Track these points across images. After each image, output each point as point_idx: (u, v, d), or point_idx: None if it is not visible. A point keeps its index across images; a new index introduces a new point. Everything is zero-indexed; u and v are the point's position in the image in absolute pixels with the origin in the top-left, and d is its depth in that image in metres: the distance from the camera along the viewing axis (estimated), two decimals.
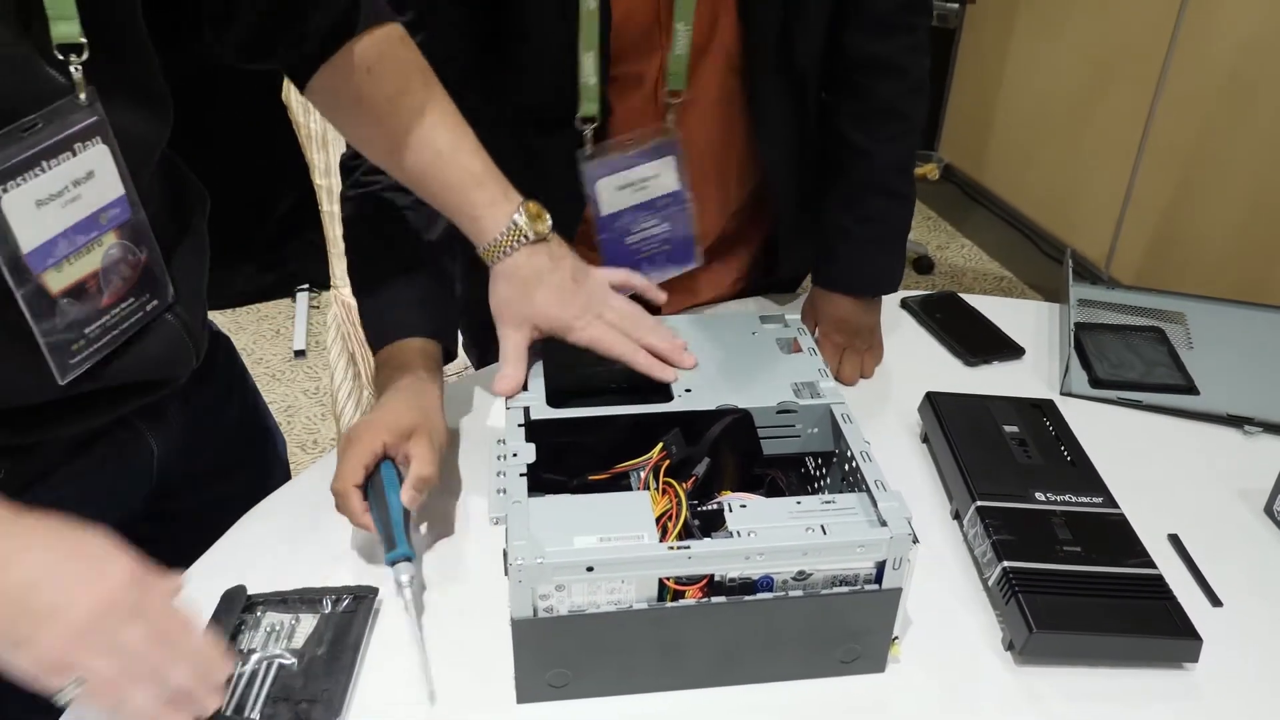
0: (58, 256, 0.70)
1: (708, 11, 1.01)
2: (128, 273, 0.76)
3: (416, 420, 0.86)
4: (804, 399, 0.87)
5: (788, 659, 0.76)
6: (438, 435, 0.88)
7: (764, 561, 0.72)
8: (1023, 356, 1.19)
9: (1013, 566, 0.82)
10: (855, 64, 1.10)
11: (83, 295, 0.73)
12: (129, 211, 0.75)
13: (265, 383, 2.64)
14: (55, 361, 0.72)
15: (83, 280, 0.73)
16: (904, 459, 1.02)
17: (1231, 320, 1.26)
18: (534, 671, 0.73)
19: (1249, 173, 2.44)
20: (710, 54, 1.04)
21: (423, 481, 0.84)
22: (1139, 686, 0.78)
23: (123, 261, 0.76)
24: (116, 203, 0.74)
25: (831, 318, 1.16)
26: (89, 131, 0.70)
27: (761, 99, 1.08)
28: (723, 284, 1.27)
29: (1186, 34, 2.54)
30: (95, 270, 0.73)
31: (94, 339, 0.75)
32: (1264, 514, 0.96)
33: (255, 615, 0.80)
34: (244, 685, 0.73)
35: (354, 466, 0.83)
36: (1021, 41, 3.17)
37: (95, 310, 0.74)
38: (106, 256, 0.74)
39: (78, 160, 0.70)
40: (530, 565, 0.68)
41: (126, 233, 0.75)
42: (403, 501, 0.83)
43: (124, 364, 0.79)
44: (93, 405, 0.80)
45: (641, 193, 1.10)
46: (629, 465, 0.82)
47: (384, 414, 0.87)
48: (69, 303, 0.72)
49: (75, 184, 0.70)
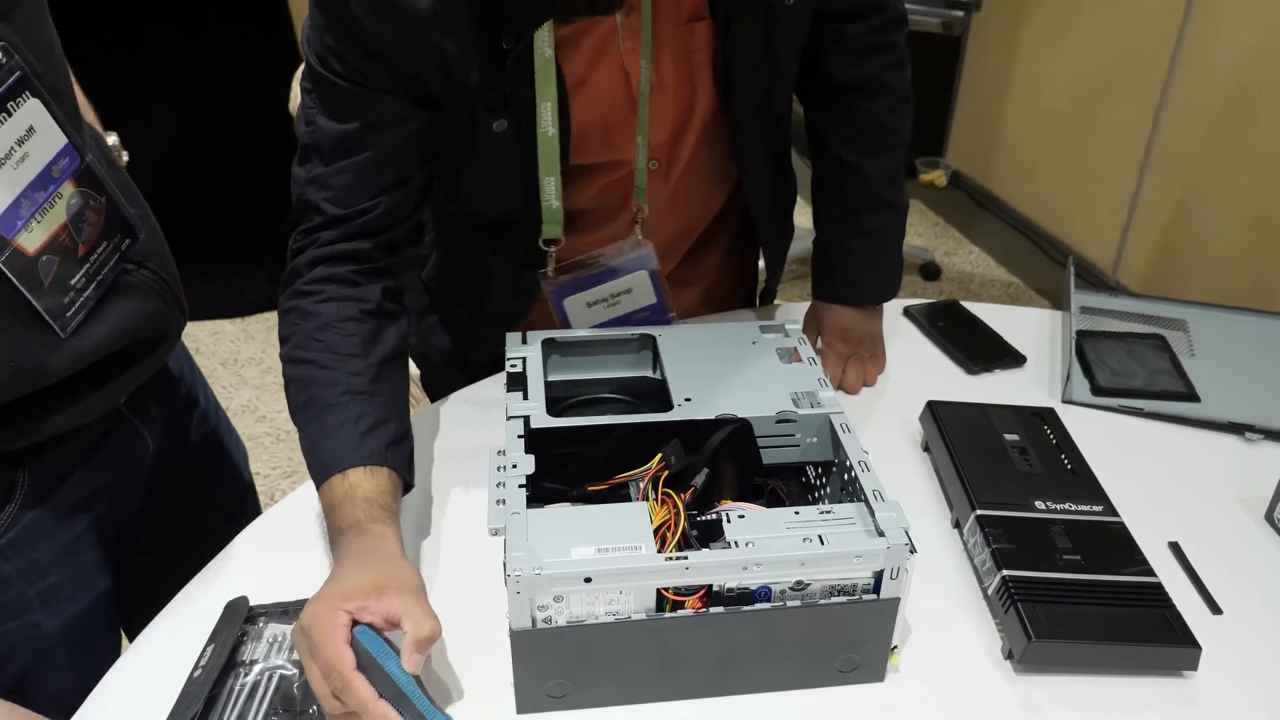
0: (24, 218, 0.71)
1: (686, 86, 0.99)
2: (94, 218, 0.77)
3: (380, 577, 0.74)
4: (803, 408, 0.87)
5: (786, 669, 0.77)
6: (411, 582, 0.75)
7: (761, 572, 0.72)
8: (1024, 364, 1.19)
9: (1012, 575, 0.82)
10: (840, 87, 1.10)
11: (59, 249, 0.74)
12: (78, 158, 0.75)
13: (274, 391, 2.64)
14: (53, 317, 0.74)
15: (55, 235, 0.74)
16: (905, 467, 1.03)
17: (1233, 327, 1.26)
18: (533, 682, 0.74)
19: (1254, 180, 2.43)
20: (690, 128, 1.03)
21: (425, 642, 0.71)
22: (1138, 695, 0.78)
23: (86, 208, 0.76)
24: (64, 152, 0.74)
25: (834, 327, 1.16)
26: (17, 88, 0.70)
27: (741, 150, 1.07)
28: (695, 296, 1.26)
29: (1191, 43, 2.53)
30: (63, 222, 0.74)
31: (81, 288, 0.76)
32: (1265, 521, 0.96)
33: (257, 626, 0.81)
34: (245, 696, 0.74)
35: (339, 650, 0.69)
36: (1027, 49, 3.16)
37: (75, 260, 0.76)
38: (70, 207, 0.75)
39: (14, 120, 0.69)
40: (528, 576, 0.68)
41: (83, 179, 0.76)
42: (409, 669, 0.70)
43: (119, 323, 0.81)
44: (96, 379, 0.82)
45: (614, 308, 1.09)
46: (628, 476, 0.82)
47: (341, 583, 0.74)
48: (48, 260, 0.73)
49: (19, 143, 0.70)
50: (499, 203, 1.03)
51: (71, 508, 0.87)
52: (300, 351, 0.89)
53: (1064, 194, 3.08)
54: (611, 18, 0.92)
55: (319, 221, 0.91)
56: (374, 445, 0.84)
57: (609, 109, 0.97)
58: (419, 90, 0.89)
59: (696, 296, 1.24)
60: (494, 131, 0.94)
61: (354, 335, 0.89)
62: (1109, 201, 2.87)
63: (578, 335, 0.98)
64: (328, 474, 0.83)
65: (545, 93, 0.92)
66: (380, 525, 0.79)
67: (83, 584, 0.89)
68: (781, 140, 1.11)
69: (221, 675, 0.75)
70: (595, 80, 0.95)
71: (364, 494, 0.81)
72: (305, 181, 0.91)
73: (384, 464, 0.84)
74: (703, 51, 0.98)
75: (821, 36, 1.05)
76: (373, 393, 0.87)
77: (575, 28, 0.91)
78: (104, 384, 0.83)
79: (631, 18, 0.93)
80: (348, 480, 0.82)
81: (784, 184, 1.16)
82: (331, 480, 0.82)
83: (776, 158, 1.11)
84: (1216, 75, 2.47)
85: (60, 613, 0.86)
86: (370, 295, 0.92)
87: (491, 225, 1.08)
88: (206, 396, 1.08)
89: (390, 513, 0.82)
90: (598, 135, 0.98)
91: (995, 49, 3.30)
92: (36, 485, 0.83)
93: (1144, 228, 2.78)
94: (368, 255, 0.92)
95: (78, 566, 0.88)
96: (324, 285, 0.90)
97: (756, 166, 1.09)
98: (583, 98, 0.95)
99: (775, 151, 1.11)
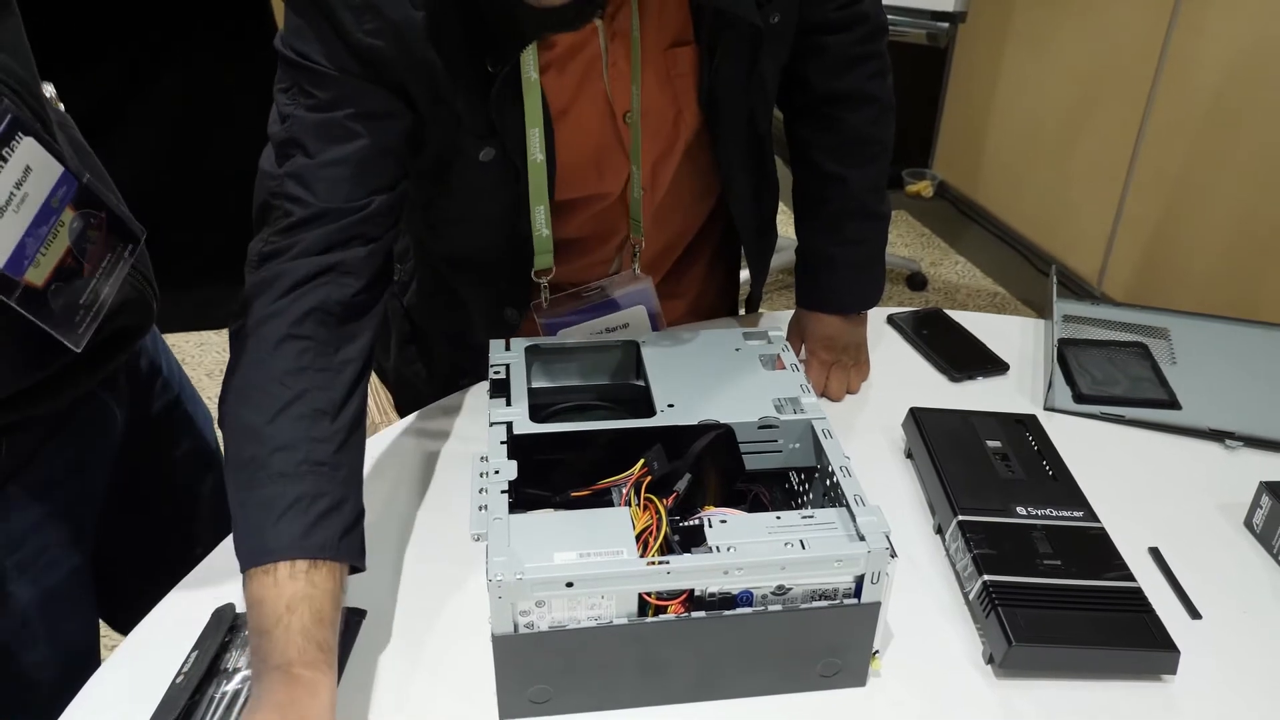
0: (30, 255, 0.71)
1: (670, 111, 0.99)
2: (96, 235, 0.77)
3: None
4: (785, 414, 0.88)
5: (768, 673, 0.77)
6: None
7: (743, 576, 0.72)
8: (1007, 372, 1.20)
9: (993, 580, 0.83)
10: (823, 99, 1.10)
11: (66, 274, 0.74)
12: (74, 182, 0.74)
13: None
14: (67, 338, 0.74)
15: (61, 261, 0.73)
16: (888, 474, 1.03)
17: (1214, 336, 1.27)
18: (516, 688, 0.74)
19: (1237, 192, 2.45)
20: (674, 152, 1.03)
21: None
22: (1118, 699, 0.78)
23: (88, 228, 0.76)
24: (62, 181, 0.73)
25: (819, 336, 1.17)
26: (9, 132, 0.69)
27: (725, 166, 1.07)
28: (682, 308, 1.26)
29: (1174, 56, 2.56)
30: (67, 248, 0.74)
31: (90, 304, 0.77)
32: (1244, 527, 0.97)
33: (242, 634, 0.80)
34: (225, 705, 0.74)
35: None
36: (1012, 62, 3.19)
37: (83, 281, 0.76)
38: (72, 232, 0.74)
39: (11, 165, 0.69)
40: (510, 581, 0.69)
41: (81, 200, 0.75)
42: None
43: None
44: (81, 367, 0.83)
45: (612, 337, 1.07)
46: (611, 481, 0.82)
47: None
48: (58, 288, 0.73)
49: (18, 185, 0.69)
50: (479, 236, 1.01)
51: (45, 481, 0.88)
52: (258, 393, 0.78)
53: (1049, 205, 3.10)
54: (596, 44, 0.91)
55: (299, 217, 0.82)
56: (327, 535, 0.74)
57: (595, 140, 0.96)
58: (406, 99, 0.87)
59: (682, 309, 1.25)
60: (480, 160, 0.91)
61: (332, 389, 0.79)
62: (1094, 213, 2.90)
63: (561, 343, 0.98)
64: (264, 560, 0.72)
65: (533, 118, 0.90)
66: (313, 674, 0.69)
67: (57, 555, 0.90)
68: (763, 152, 1.11)
69: (203, 682, 0.75)
70: (579, 110, 0.94)
71: (301, 622, 0.70)
72: (282, 176, 0.83)
73: (335, 558, 0.74)
74: (687, 76, 0.97)
75: (804, 49, 1.05)
76: (335, 465, 0.77)
77: (558, 53, 0.90)
78: (84, 372, 0.85)
79: (615, 43, 0.92)
80: (285, 589, 0.71)
81: (766, 193, 1.16)
82: (268, 573, 0.71)
83: (759, 169, 1.12)
84: (1200, 88, 2.50)
85: (36, 584, 0.88)
86: (360, 332, 0.84)
87: (472, 262, 1.06)
88: (168, 363, 1.08)
89: (327, 652, 0.71)
90: (584, 168, 0.97)
91: (981, 61, 3.32)
92: (10, 460, 0.84)
93: (1128, 239, 2.80)
94: (357, 270, 0.84)
95: (52, 538, 0.89)
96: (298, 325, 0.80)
97: (740, 181, 1.10)
98: (567, 129, 0.94)
99: (757, 163, 1.11)
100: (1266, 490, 0.95)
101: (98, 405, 0.93)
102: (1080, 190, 2.95)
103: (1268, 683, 0.81)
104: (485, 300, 1.08)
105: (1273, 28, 2.29)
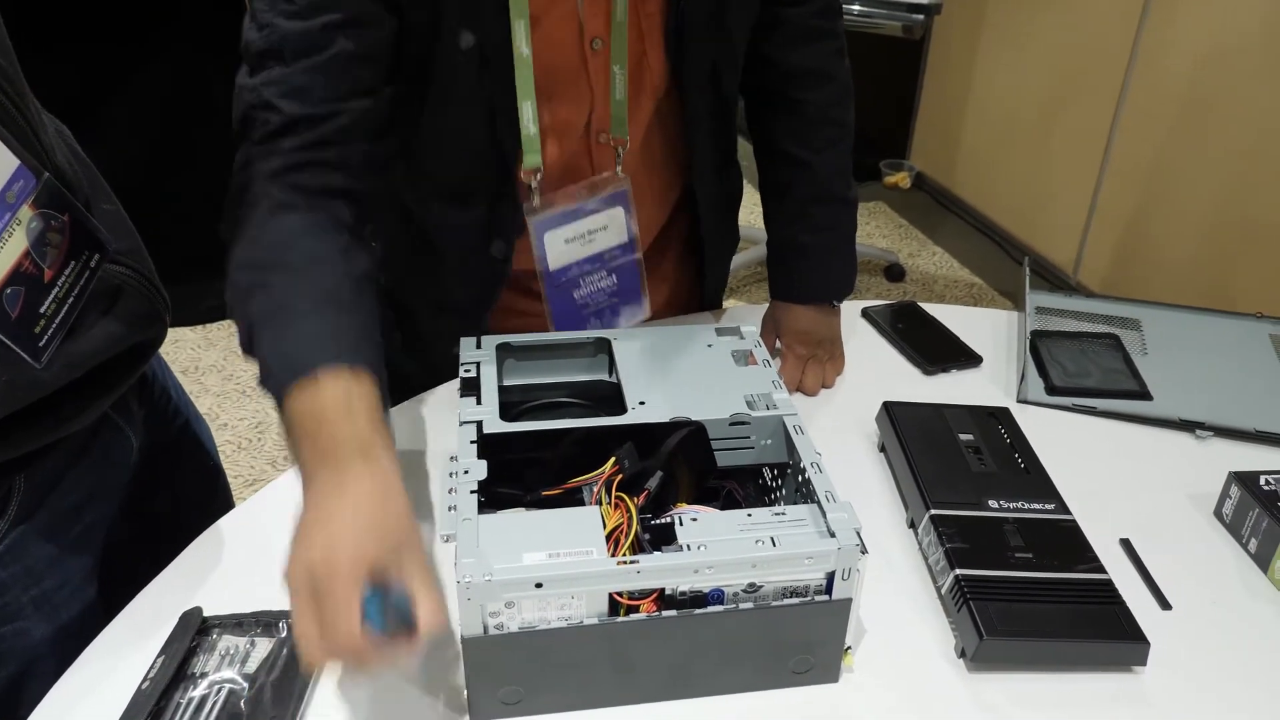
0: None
1: (635, 52, 1.00)
2: (58, 239, 0.73)
3: (398, 539, 0.65)
4: (757, 411, 0.87)
5: (741, 671, 0.77)
6: (423, 557, 0.67)
7: (713, 575, 0.72)
8: (981, 364, 1.20)
9: (964, 574, 0.83)
10: (784, 76, 1.10)
11: (23, 279, 0.70)
12: (33, 179, 0.71)
13: (235, 399, 2.62)
14: (25, 350, 0.71)
15: (17, 264, 0.69)
16: (861, 468, 1.03)
17: (1186, 326, 1.28)
18: (487, 690, 0.73)
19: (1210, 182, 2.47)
20: (641, 95, 1.03)
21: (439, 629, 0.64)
22: (1090, 691, 0.79)
23: (48, 230, 0.72)
24: (17, 175, 0.69)
25: (793, 330, 1.17)
26: None
27: (691, 130, 1.07)
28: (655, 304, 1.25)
29: (1147, 47, 2.57)
30: (25, 249, 0.70)
31: (52, 315, 0.73)
32: (1214, 517, 0.97)
33: (210, 638, 0.80)
34: (193, 710, 0.73)
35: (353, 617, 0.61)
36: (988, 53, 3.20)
37: (41, 287, 0.72)
38: (30, 232, 0.70)
39: None
40: (479, 583, 0.68)
41: (41, 200, 0.71)
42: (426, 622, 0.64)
43: (109, 328, 0.79)
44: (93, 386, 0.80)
45: (589, 245, 1.08)
46: (582, 480, 0.82)
47: (362, 534, 0.64)
48: (13, 291, 0.69)
49: None
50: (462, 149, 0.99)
51: (63, 513, 0.85)
52: (263, 255, 0.78)
53: (1025, 196, 3.12)
54: None
55: (277, 125, 0.82)
56: (368, 354, 0.73)
57: (563, 59, 0.96)
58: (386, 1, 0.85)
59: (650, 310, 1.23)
60: (460, 49, 0.89)
61: (330, 245, 0.79)
62: (1069, 203, 2.91)
63: (532, 339, 0.98)
64: (307, 372, 0.70)
65: (518, 9, 0.88)
66: (389, 459, 0.68)
67: (73, 591, 0.88)
68: (729, 130, 1.11)
69: (169, 688, 0.74)
70: (550, 23, 0.93)
71: (366, 406, 0.69)
72: (258, 86, 0.82)
73: (375, 374, 0.72)
74: (654, 17, 0.98)
75: (764, 22, 1.06)
76: (355, 308, 0.77)
77: None
78: (101, 389, 0.82)
79: None
80: (338, 389, 0.69)
81: (729, 175, 1.16)
82: (313, 380, 0.69)
83: (724, 141, 1.12)
84: (1172, 79, 2.51)
85: (51, 620, 0.85)
86: (343, 213, 0.83)
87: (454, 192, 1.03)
88: (176, 389, 1.07)
89: (392, 442, 0.69)
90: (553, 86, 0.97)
91: (957, 53, 3.33)
92: (31, 492, 0.82)
93: (1103, 229, 2.82)
94: (337, 166, 0.83)
95: (70, 572, 0.87)
96: (290, 195, 0.81)
97: (706, 150, 1.10)
98: (539, 38, 0.92)
99: (723, 133, 1.11)
100: (1236, 480, 0.95)
101: (112, 430, 0.90)
102: (1056, 181, 2.96)
103: (1237, 672, 0.81)
104: (470, 237, 1.05)
105: (1244, 19, 2.30)
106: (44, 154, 0.74)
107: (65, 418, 0.80)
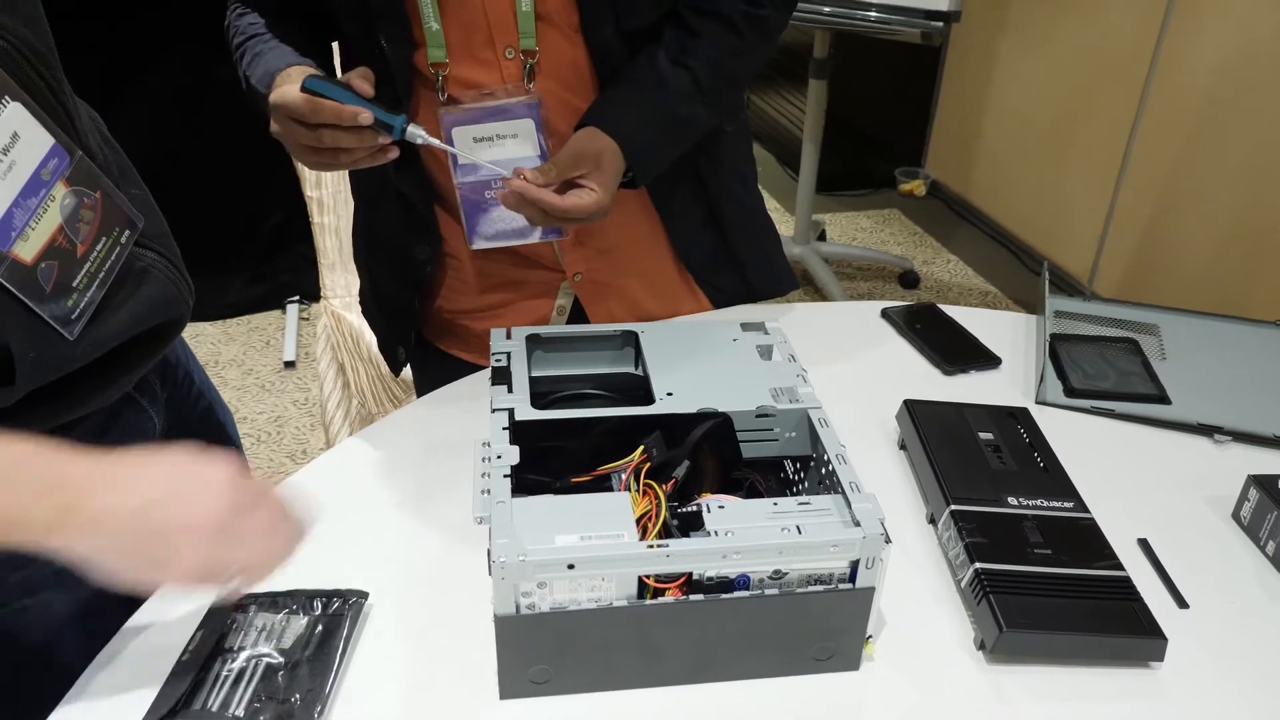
0: (18, 227, 0.70)
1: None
2: (90, 216, 0.77)
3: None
4: (782, 404, 0.89)
5: (764, 657, 0.78)
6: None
7: (740, 560, 0.74)
8: (999, 366, 1.21)
9: (984, 568, 0.84)
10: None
11: (57, 253, 0.73)
12: (67, 158, 0.74)
13: (255, 393, 2.64)
14: (59, 323, 0.74)
15: (52, 239, 0.73)
16: (882, 465, 1.04)
17: (1204, 332, 1.29)
18: (516, 668, 0.75)
19: (1228, 191, 2.48)
20: (546, 16, 1.02)
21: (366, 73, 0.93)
22: (1107, 685, 0.80)
23: (81, 207, 0.76)
24: (52, 153, 0.73)
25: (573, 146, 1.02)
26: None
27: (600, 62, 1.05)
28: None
29: (1167, 56, 2.58)
30: (59, 225, 0.74)
31: (84, 288, 0.76)
32: (1231, 519, 0.98)
33: (247, 614, 0.81)
34: (231, 683, 0.75)
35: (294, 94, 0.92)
36: (1006, 61, 3.21)
37: (74, 262, 0.75)
38: (64, 208, 0.74)
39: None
40: (513, 563, 0.70)
41: (76, 178, 0.75)
42: (359, 89, 0.91)
43: (135, 309, 0.81)
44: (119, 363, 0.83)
45: (499, 148, 1.06)
46: (611, 467, 0.83)
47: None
48: (48, 266, 0.73)
49: (4, 152, 0.69)
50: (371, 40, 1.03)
51: None
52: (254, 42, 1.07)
53: (1041, 204, 3.12)
54: None
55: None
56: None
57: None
58: None
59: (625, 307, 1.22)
60: None
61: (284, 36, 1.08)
62: (1085, 212, 2.92)
63: (561, 331, 0.99)
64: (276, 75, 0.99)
65: None
66: None
67: None
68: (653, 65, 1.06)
69: (208, 660, 0.76)
70: None
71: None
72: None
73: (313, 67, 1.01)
74: None
75: None
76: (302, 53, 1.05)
77: None
78: (126, 366, 0.84)
79: None
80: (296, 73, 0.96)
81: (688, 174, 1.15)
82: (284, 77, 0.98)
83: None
84: (1192, 88, 2.52)
85: (73, 592, 0.86)
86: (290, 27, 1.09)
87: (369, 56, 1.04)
88: (200, 374, 1.09)
89: None
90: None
91: (975, 60, 3.34)
92: None
93: (1120, 238, 2.83)
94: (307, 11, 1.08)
95: None
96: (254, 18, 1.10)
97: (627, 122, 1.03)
98: None
99: None
100: (1254, 483, 0.97)
101: (135, 410, 0.92)
102: (1072, 190, 2.97)
103: (1252, 670, 0.82)
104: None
105: (1265, 28, 2.31)
106: (79, 136, 0.77)
107: (88, 394, 0.82)
